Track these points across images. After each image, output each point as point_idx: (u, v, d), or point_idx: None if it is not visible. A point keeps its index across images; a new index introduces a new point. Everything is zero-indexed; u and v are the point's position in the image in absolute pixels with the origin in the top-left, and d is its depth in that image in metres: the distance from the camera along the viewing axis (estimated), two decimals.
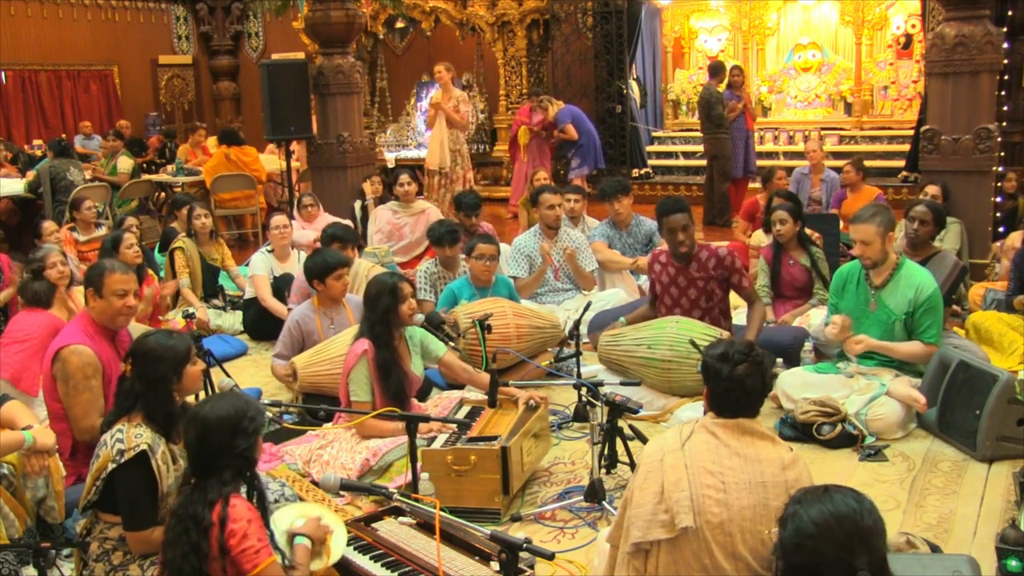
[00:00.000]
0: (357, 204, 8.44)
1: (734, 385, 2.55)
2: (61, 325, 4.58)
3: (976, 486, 3.81)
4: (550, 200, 6.35)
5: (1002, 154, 6.98)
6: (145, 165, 11.86)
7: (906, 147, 10.61)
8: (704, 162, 12.29)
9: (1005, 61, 6.82)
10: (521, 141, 10.14)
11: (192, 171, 10.97)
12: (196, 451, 2.62)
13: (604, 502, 3.62)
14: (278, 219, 6.59)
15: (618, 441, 3.82)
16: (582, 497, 3.68)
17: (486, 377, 4.18)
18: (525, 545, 2.39)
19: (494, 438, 3.73)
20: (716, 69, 10.13)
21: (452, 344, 4.86)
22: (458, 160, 9.67)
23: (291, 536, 2.73)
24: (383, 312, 4.16)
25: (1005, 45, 6.66)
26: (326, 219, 7.37)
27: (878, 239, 4.39)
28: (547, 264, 6.24)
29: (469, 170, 9.90)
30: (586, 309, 5.21)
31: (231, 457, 2.62)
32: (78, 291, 5.36)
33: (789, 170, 8.53)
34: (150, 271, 6.35)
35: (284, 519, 2.83)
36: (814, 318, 5.28)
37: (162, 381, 2.98)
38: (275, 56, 14.16)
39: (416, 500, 3.12)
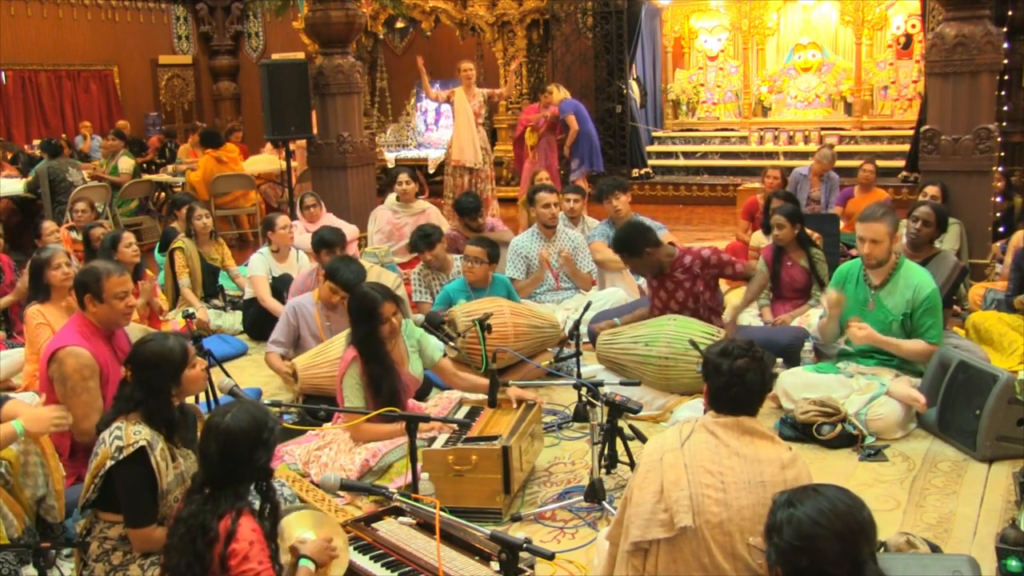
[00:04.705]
0: None
1: (734, 380, 2.55)
2: None
3: (976, 486, 3.81)
4: (546, 199, 6.35)
5: (1002, 154, 6.98)
6: (145, 165, 11.85)
7: (906, 147, 10.61)
8: (705, 162, 12.43)
9: (1005, 61, 6.81)
10: (529, 143, 10.08)
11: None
12: (217, 463, 2.54)
13: (604, 502, 3.62)
14: (284, 219, 6.61)
15: (618, 441, 3.82)
16: (582, 497, 3.68)
17: (480, 380, 4.17)
18: (525, 545, 2.39)
19: (495, 438, 3.73)
20: None
21: (452, 344, 4.86)
22: (485, 158, 9.62)
23: (297, 555, 2.69)
24: (365, 334, 4.07)
25: (1005, 45, 6.65)
26: (329, 219, 7.36)
27: (887, 239, 4.41)
28: (544, 270, 6.23)
29: (492, 166, 9.90)
30: (586, 309, 5.19)
31: (250, 469, 2.58)
32: None
33: (789, 170, 8.52)
34: (148, 271, 6.35)
35: (294, 529, 2.79)
36: (813, 318, 5.28)
37: (161, 389, 2.97)
38: (275, 56, 14.15)
39: (416, 500, 3.12)
